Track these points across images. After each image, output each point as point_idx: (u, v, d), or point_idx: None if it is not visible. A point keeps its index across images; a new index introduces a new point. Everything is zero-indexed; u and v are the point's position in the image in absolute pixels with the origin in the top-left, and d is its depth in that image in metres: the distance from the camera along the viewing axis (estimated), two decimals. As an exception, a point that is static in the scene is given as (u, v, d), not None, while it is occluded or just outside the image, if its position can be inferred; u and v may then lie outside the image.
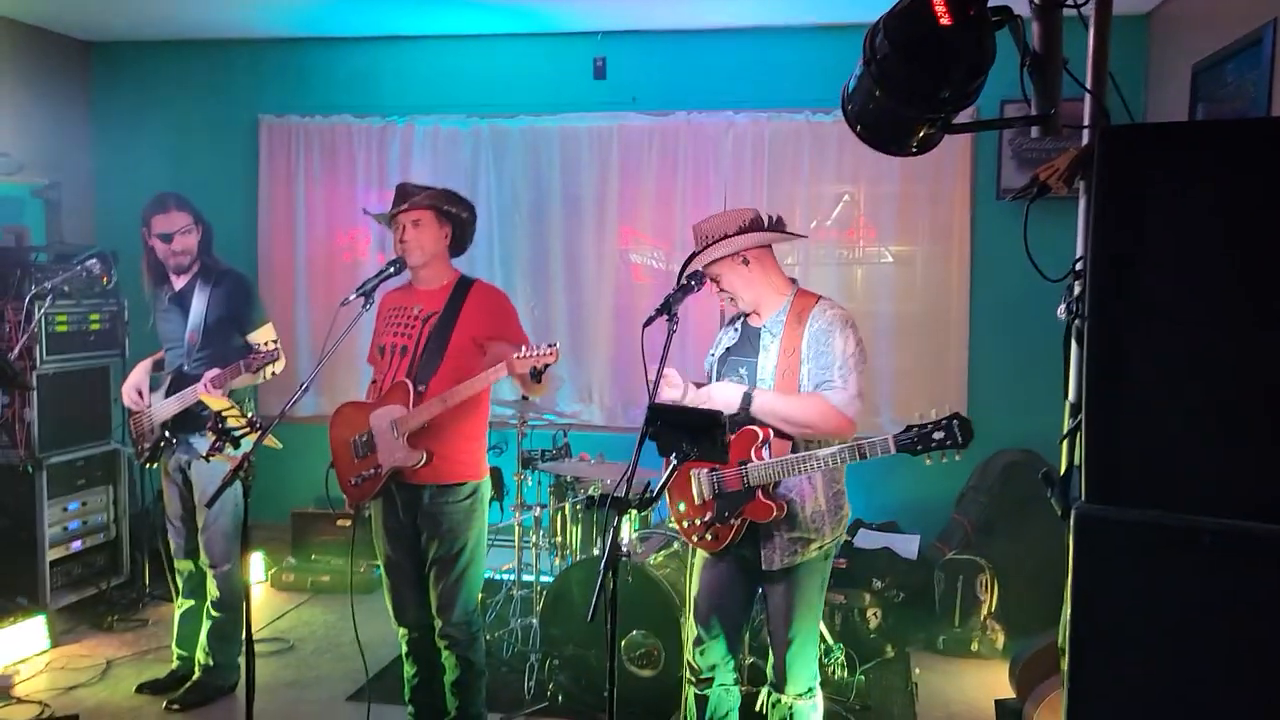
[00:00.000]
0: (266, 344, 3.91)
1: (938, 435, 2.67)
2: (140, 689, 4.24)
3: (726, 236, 2.96)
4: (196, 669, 4.18)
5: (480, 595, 3.54)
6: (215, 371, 3.86)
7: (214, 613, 4.13)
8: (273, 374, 3.94)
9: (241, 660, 4.27)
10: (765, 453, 2.89)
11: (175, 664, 4.29)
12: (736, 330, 3.14)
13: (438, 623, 3.43)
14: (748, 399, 2.91)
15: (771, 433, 2.90)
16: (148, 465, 4.19)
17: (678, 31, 5.59)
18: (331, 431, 3.47)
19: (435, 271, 3.47)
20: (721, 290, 3.03)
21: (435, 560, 3.40)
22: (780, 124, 5.49)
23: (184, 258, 4.02)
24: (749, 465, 2.88)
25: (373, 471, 3.35)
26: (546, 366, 3.16)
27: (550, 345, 3.16)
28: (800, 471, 2.86)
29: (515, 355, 3.15)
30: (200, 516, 4.08)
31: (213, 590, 4.12)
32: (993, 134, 5.34)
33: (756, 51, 5.54)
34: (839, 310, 2.99)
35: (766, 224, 3.01)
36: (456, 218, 3.46)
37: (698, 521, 3.01)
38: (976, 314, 5.43)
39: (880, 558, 4.92)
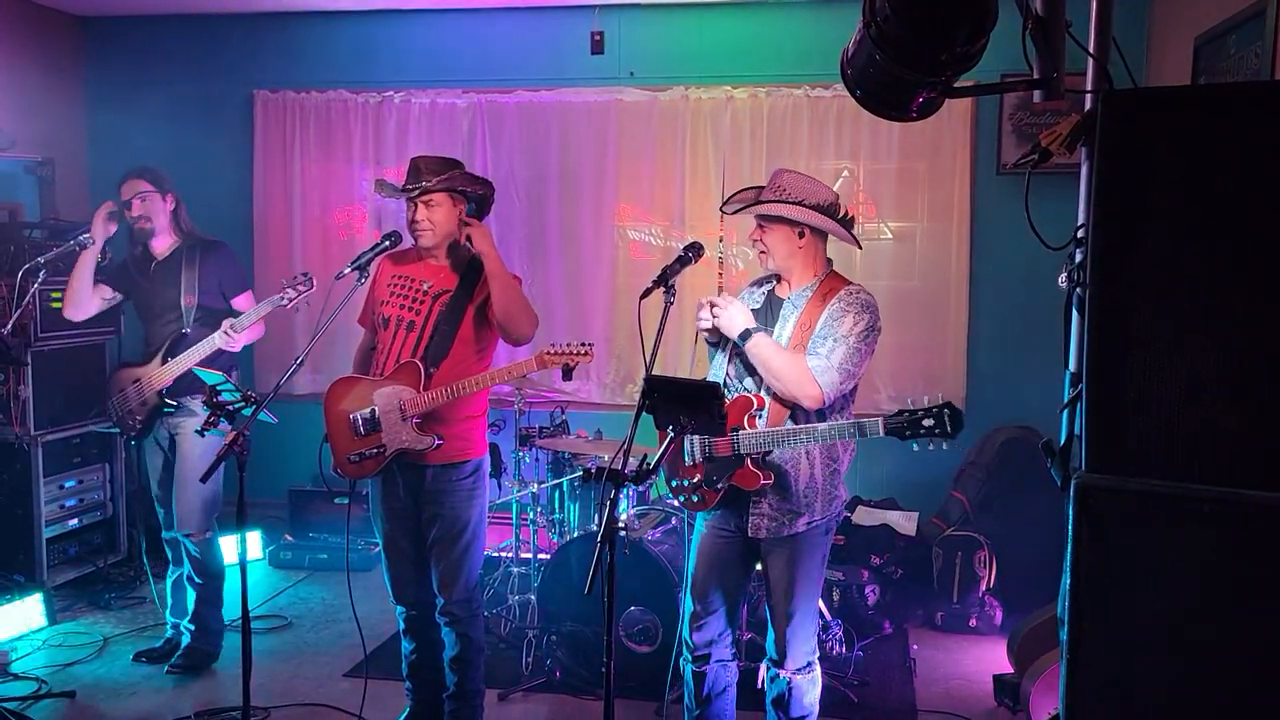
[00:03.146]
0: (297, 276, 3.98)
1: (927, 423, 2.67)
2: (137, 657, 4.30)
3: (802, 204, 2.91)
4: (184, 635, 4.23)
5: (479, 572, 3.53)
6: (229, 321, 3.96)
7: (197, 580, 4.18)
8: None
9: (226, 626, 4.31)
10: (759, 421, 2.88)
11: (169, 633, 4.36)
12: (762, 295, 3.11)
13: (439, 600, 3.41)
14: (748, 333, 2.88)
15: (766, 400, 2.88)
16: (137, 440, 4.22)
17: (676, 5, 5.53)
18: (327, 404, 3.40)
19: (446, 247, 3.38)
20: (761, 240, 3.00)
21: (437, 539, 3.37)
22: (779, 98, 5.45)
23: (145, 224, 4.10)
24: (740, 433, 2.86)
25: (375, 451, 3.29)
26: (577, 364, 3.18)
27: (585, 345, 3.19)
28: (791, 445, 2.84)
29: (546, 351, 3.17)
30: (178, 486, 4.11)
31: (191, 558, 4.15)
32: (993, 109, 5.30)
33: (755, 25, 5.49)
34: (865, 295, 2.97)
35: (841, 212, 2.98)
36: (472, 195, 3.36)
37: (686, 483, 3.02)
38: (976, 291, 5.41)
39: (879, 534, 4.92)
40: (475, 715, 3.53)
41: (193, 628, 4.21)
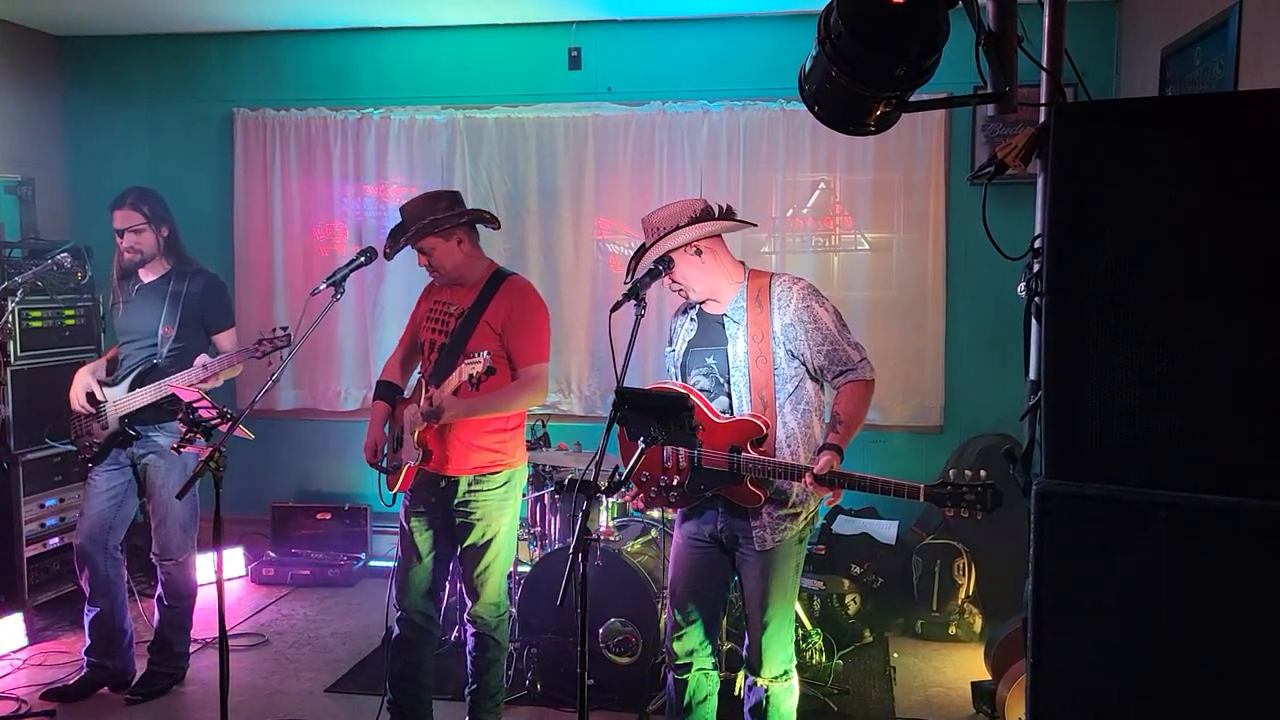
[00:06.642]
0: (275, 330, 3.93)
1: (969, 498, 2.71)
2: None
3: (678, 228, 2.95)
4: (149, 659, 4.20)
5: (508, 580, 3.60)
6: (205, 358, 3.92)
7: (165, 602, 4.16)
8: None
9: (192, 649, 4.32)
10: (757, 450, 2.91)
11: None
12: (693, 321, 3.13)
13: (468, 603, 3.49)
14: (837, 450, 2.87)
15: (778, 431, 2.93)
16: (93, 464, 4.14)
17: (652, 21, 5.58)
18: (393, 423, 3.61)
19: (468, 271, 3.46)
20: (674, 283, 3.02)
21: (466, 548, 3.44)
22: (755, 112, 5.50)
23: (134, 255, 4.05)
24: (743, 456, 2.88)
25: (396, 465, 3.45)
26: (480, 376, 3.14)
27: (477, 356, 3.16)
28: (797, 479, 2.87)
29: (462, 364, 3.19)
30: (155, 514, 4.09)
31: (164, 581, 4.14)
32: (966, 119, 5.36)
33: (730, 40, 5.54)
34: (800, 284, 3.01)
35: (717, 213, 3.00)
36: (456, 221, 3.40)
37: (662, 482, 3.02)
38: (953, 299, 5.45)
39: (859, 543, 4.94)
40: (496, 710, 3.58)
41: (160, 652, 4.17)
